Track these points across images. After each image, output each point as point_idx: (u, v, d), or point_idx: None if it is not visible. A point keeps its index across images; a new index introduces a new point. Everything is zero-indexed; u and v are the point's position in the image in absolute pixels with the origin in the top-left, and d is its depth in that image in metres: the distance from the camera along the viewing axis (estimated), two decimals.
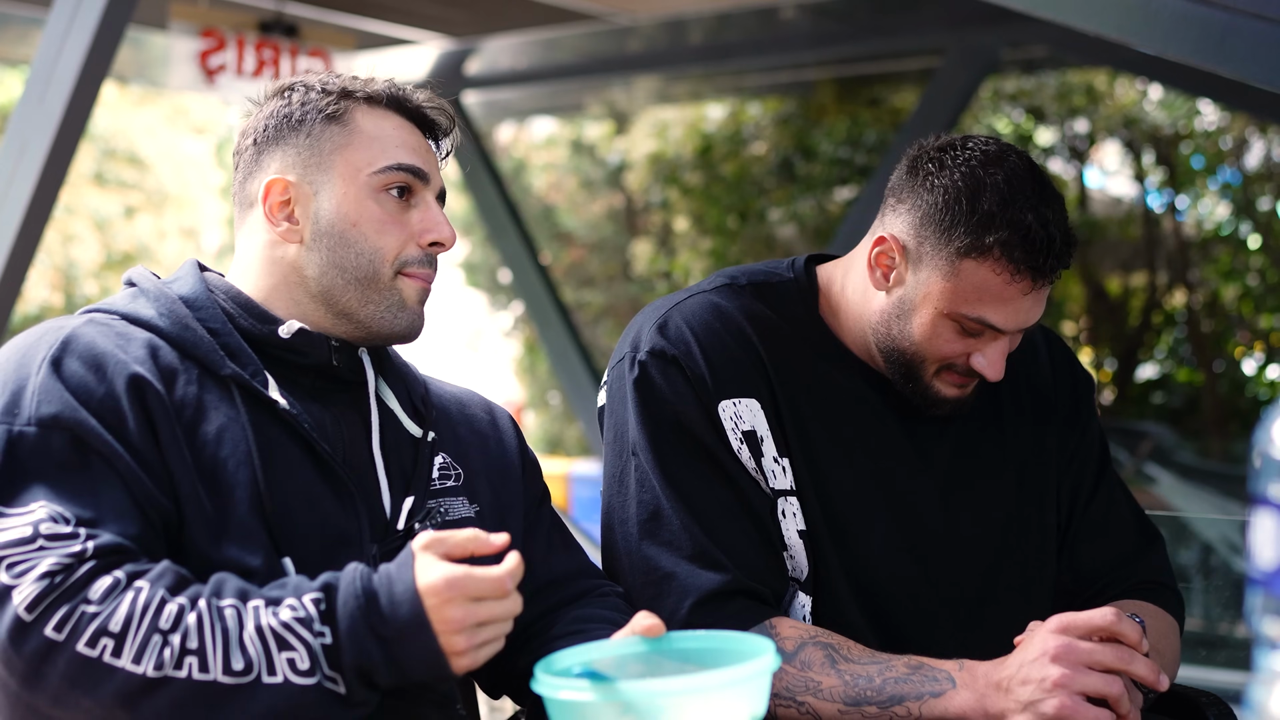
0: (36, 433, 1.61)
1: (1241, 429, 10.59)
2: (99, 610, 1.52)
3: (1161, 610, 2.09)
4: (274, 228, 1.82)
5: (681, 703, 1.39)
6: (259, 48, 7.13)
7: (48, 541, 1.55)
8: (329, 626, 1.55)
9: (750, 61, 8.49)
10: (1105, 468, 2.20)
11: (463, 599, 1.53)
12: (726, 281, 2.12)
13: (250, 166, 1.86)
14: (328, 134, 1.83)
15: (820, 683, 1.89)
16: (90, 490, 1.60)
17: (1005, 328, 1.98)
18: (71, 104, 4.94)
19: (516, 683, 1.92)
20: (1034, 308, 1.99)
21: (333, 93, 1.85)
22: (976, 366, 2.00)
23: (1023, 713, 1.78)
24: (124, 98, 16.16)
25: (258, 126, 1.86)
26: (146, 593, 1.54)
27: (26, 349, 1.68)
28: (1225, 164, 10.79)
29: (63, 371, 1.64)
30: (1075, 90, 10.75)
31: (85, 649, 1.51)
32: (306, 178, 1.82)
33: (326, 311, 1.82)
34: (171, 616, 1.53)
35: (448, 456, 1.90)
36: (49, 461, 1.60)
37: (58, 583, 1.52)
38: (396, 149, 1.84)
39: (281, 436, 1.73)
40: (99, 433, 1.61)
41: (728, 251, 11.62)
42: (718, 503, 1.99)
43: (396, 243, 1.82)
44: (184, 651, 1.52)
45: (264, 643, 1.54)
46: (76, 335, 1.68)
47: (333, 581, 1.57)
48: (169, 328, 1.73)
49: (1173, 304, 11.43)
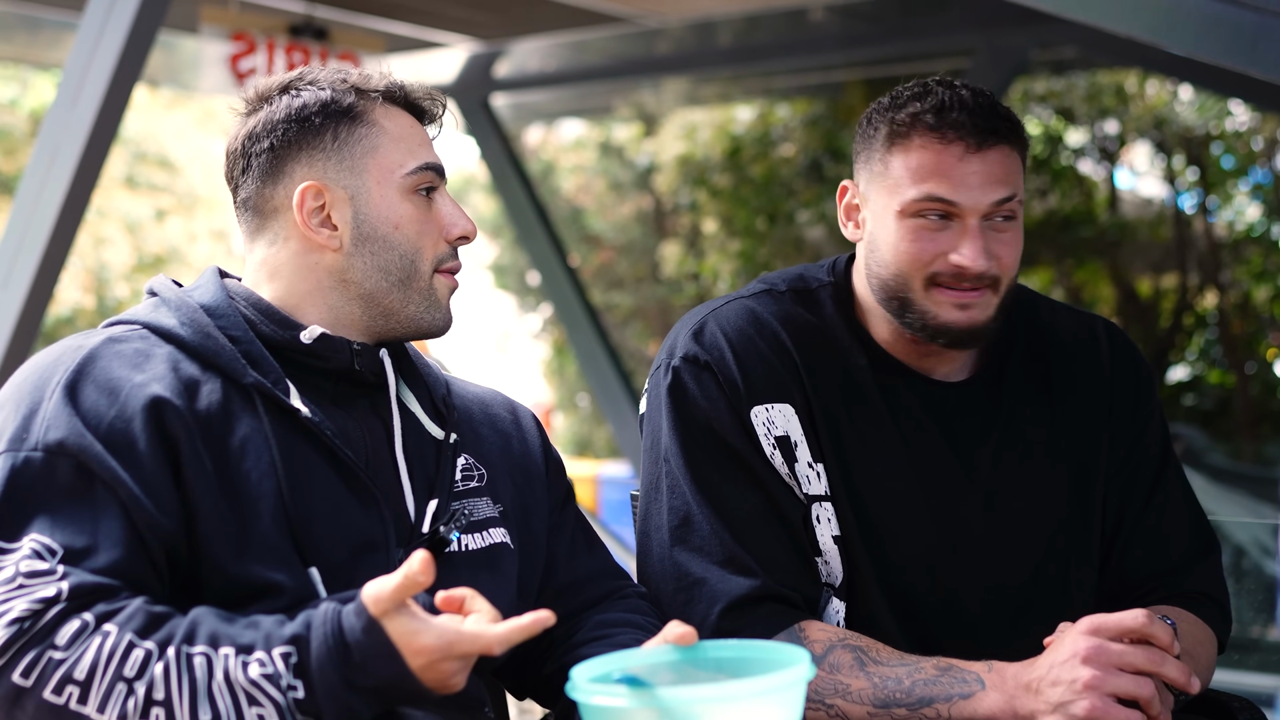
0: (43, 458, 1.61)
1: (1273, 431, 10.54)
2: (65, 656, 1.52)
3: (1196, 617, 2.06)
4: (311, 235, 1.80)
5: (717, 710, 1.39)
6: (289, 51, 7.16)
7: (26, 580, 1.54)
8: (302, 680, 1.53)
9: (779, 63, 8.48)
10: (1165, 467, 2.15)
11: (455, 657, 1.53)
12: (766, 288, 2.12)
13: (269, 171, 1.82)
14: (355, 136, 1.82)
15: (849, 685, 1.89)
16: (90, 518, 1.59)
17: (958, 199, 1.95)
18: (104, 108, 4.97)
19: (542, 686, 1.92)
20: (985, 181, 1.95)
21: (347, 91, 1.83)
22: (956, 262, 1.96)
23: (1053, 714, 1.77)
24: (155, 101, 16.25)
25: (272, 129, 1.82)
26: (114, 638, 1.53)
27: (43, 370, 1.68)
28: (1256, 165, 10.74)
29: (75, 397, 1.64)
30: (1105, 91, 10.71)
31: (51, 696, 1.51)
32: (340, 182, 1.81)
33: (364, 312, 1.82)
34: (137, 664, 1.52)
35: (470, 457, 1.90)
36: (51, 488, 1.60)
37: (26, 628, 1.52)
38: (419, 148, 1.85)
39: (304, 444, 1.73)
40: (104, 459, 1.61)
41: (756, 253, 11.61)
42: (749, 508, 1.98)
43: (431, 240, 1.83)
44: (149, 702, 1.51)
45: (233, 696, 1.52)
46: (93, 357, 1.68)
47: (303, 634, 1.55)
48: (190, 337, 1.73)
49: (1204, 305, 11.37)
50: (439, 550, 1.78)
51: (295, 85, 1.84)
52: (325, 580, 1.68)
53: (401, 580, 1.51)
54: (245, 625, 1.57)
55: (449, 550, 1.79)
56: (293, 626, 1.56)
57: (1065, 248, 11.03)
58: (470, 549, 1.82)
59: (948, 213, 1.97)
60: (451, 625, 1.53)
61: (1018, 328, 2.15)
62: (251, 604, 1.64)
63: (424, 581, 1.50)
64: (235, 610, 1.62)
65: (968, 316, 1.99)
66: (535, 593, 1.92)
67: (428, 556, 1.50)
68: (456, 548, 1.81)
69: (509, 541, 1.88)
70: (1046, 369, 2.14)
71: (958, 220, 1.97)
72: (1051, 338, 2.16)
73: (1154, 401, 2.18)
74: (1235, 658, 4.91)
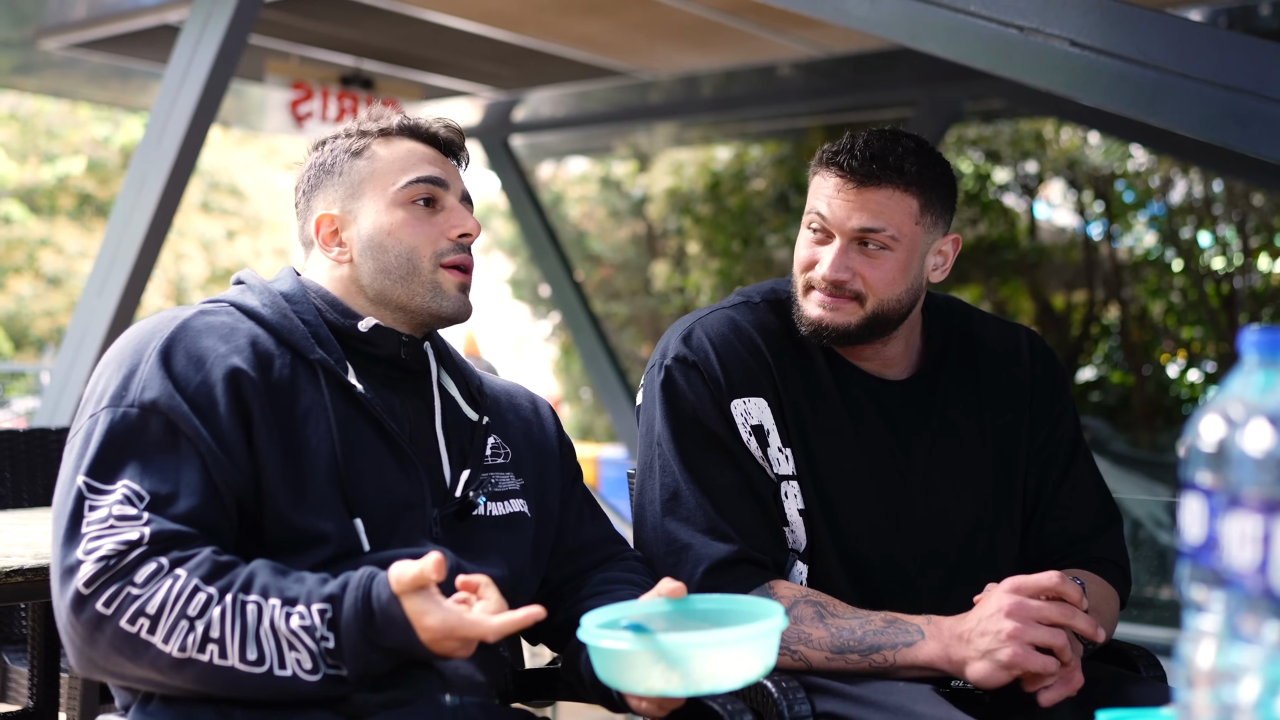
0: (138, 414, 1.61)
1: (1166, 423, 10.55)
2: (140, 593, 1.52)
3: (1102, 579, 2.06)
4: (329, 254, 1.83)
5: (706, 654, 1.40)
6: (340, 98, 7.15)
7: (117, 522, 1.55)
8: (333, 634, 1.54)
9: (752, 111, 8.48)
10: (1076, 452, 2.15)
11: (456, 639, 1.53)
12: (743, 299, 2.12)
13: (303, 212, 1.87)
14: (355, 168, 1.83)
15: (810, 634, 1.89)
16: (174, 468, 1.60)
17: (826, 214, 1.97)
18: (184, 145, 4.97)
19: (553, 633, 1.92)
20: (853, 210, 1.96)
21: (354, 135, 1.86)
22: (818, 271, 1.98)
23: (981, 660, 1.78)
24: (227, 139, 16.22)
25: (304, 179, 1.88)
26: (182, 581, 1.53)
27: (143, 336, 1.69)
28: (1153, 199, 10.75)
29: (168, 362, 1.64)
30: (1026, 136, 10.73)
31: (126, 625, 1.51)
32: (346, 208, 1.83)
33: (384, 310, 1.82)
34: (200, 605, 1.52)
35: (498, 438, 1.91)
36: (144, 440, 1.60)
37: (111, 565, 1.53)
38: (415, 165, 1.84)
39: (357, 416, 1.73)
40: (190, 418, 1.61)
41: (733, 271, 11.61)
42: (728, 486, 1.98)
43: (429, 239, 1.81)
44: (206, 639, 1.51)
45: (276, 641, 1.53)
46: (187, 327, 1.68)
47: (338, 594, 1.55)
48: (270, 316, 1.74)
49: (1108, 317, 11.39)
50: (468, 513, 1.78)
51: (325, 142, 1.88)
52: (368, 531, 1.67)
53: (419, 571, 1.52)
54: (294, 580, 1.57)
55: (476, 514, 1.80)
56: (331, 586, 1.56)
57: (992, 268, 11.04)
58: (494, 514, 1.82)
59: (825, 229, 1.98)
60: (456, 611, 1.53)
61: (953, 334, 2.16)
62: (305, 550, 1.64)
63: (435, 578, 1.51)
64: (290, 556, 1.62)
65: (828, 317, 1.99)
66: (548, 554, 1.92)
67: (440, 559, 1.51)
68: (483, 512, 1.81)
69: (527, 511, 1.87)
70: (976, 370, 2.14)
71: (833, 239, 1.98)
72: (981, 343, 2.16)
73: (1067, 397, 2.18)
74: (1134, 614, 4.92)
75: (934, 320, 2.15)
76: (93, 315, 5.08)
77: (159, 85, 5.27)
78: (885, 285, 1.97)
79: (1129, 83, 2.94)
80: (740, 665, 1.40)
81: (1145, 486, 8.70)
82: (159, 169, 4.98)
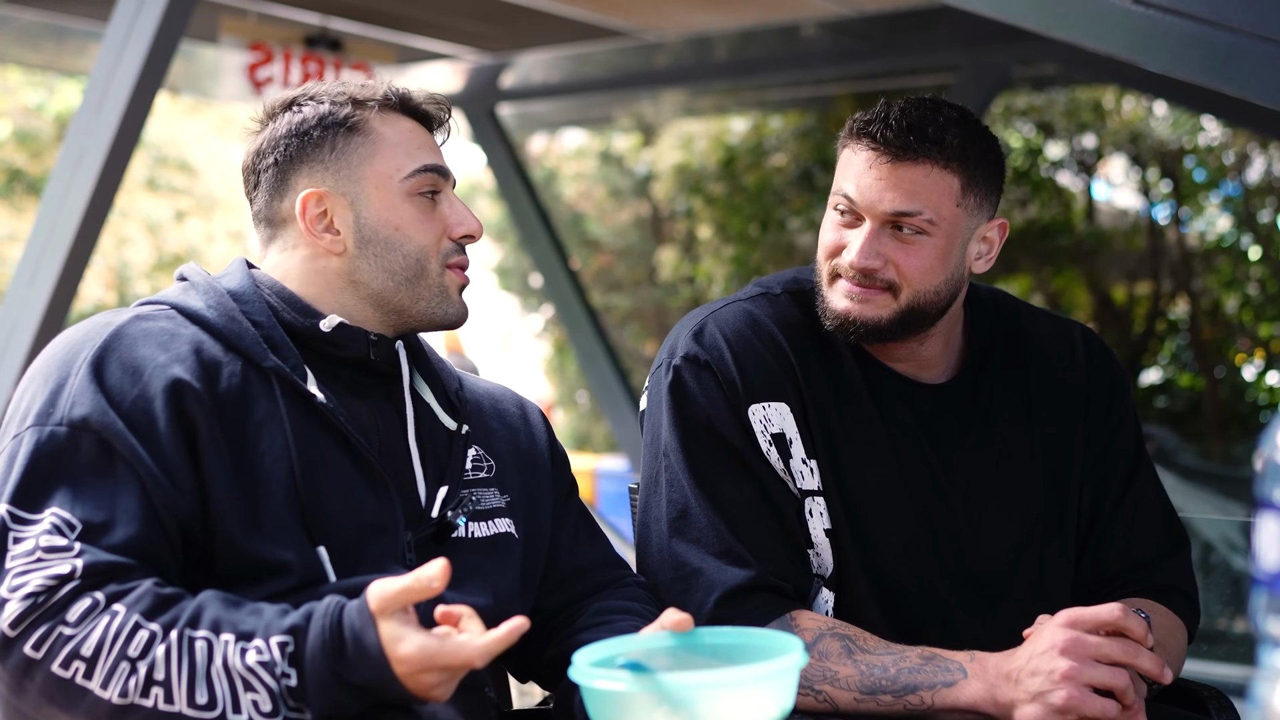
0: (67, 433, 1.61)
1: (1241, 433, 10.54)
2: (74, 633, 1.52)
3: (1168, 610, 2.06)
4: (316, 240, 1.81)
5: (714, 696, 1.39)
6: (304, 61, 7.16)
7: (44, 554, 1.55)
8: (295, 669, 1.53)
9: (772, 77, 8.48)
10: (1139, 466, 2.15)
11: (435, 670, 1.52)
12: (762, 291, 2.12)
13: (276, 185, 1.84)
14: (351, 145, 1.82)
15: (837, 672, 1.89)
16: (109, 493, 1.59)
17: (855, 194, 1.97)
18: (127, 113, 4.97)
19: (544, 670, 1.92)
20: (885, 190, 1.96)
21: (345, 103, 1.83)
22: (845, 258, 1.98)
23: (1032, 703, 1.78)
24: (175, 108, 16.24)
25: (275, 145, 1.83)
26: (121, 618, 1.53)
27: (72, 346, 1.68)
28: (1227, 178, 10.74)
29: (100, 374, 1.64)
30: (1083, 106, 10.72)
31: (59, 669, 1.51)
32: (339, 189, 1.81)
33: (377, 310, 1.82)
34: (141, 644, 1.52)
35: (480, 449, 1.91)
36: (74, 462, 1.60)
37: (40, 603, 1.52)
38: (419, 151, 1.84)
39: (318, 429, 1.73)
40: (125, 437, 1.61)
41: (749, 259, 11.61)
42: (745, 502, 1.99)
43: (435, 239, 1.83)
44: (150, 681, 1.51)
45: (230, 681, 1.52)
46: (121, 334, 1.68)
47: (302, 625, 1.55)
48: (216, 319, 1.73)
49: (1176, 312, 11.38)
50: (446, 535, 1.78)
51: (297, 101, 1.85)
52: (333, 559, 1.68)
53: (412, 581, 1.51)
54: (249, 612, 1.57)
55: (455, 536, 1.80)
56: (294, 617, 1.56)
57: (1044, 256, 11.04)
58: (476, 536, 1.83)
59: (854, 210, 1.98)
60: (432, 639, 1.52)
61: (998, 332, 2.16)
62: (261, 581, 1.64)
63: (437, 587, 1.50)
64: (245, 587, 1.62)
65: (856, 309, 1.99)
66: (539, 580, 1.92)
67: (446, 565, 1.50)
68: (463, 534, 1.81)
69: (514, 531, 1.88)
70: (1025, 372, 2.14)
71: (862, 221, 1.98)
72: (1030, 342, 2.17)
73: (1128, 403, 2.18)
74: (1204, 648, 4.92)
75: (977, 316, 2.15)
76: (23, 308, 5.08)
77: (99, 46, 5.28)
78: (921, 275, 1.97)
79: (1200, 45, 2.94)
80: (753, 709, 1.40)
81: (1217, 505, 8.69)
82: (99, 141, 4.99)
